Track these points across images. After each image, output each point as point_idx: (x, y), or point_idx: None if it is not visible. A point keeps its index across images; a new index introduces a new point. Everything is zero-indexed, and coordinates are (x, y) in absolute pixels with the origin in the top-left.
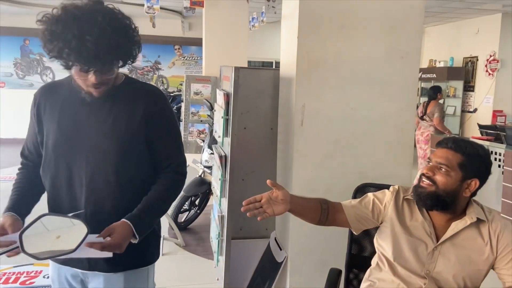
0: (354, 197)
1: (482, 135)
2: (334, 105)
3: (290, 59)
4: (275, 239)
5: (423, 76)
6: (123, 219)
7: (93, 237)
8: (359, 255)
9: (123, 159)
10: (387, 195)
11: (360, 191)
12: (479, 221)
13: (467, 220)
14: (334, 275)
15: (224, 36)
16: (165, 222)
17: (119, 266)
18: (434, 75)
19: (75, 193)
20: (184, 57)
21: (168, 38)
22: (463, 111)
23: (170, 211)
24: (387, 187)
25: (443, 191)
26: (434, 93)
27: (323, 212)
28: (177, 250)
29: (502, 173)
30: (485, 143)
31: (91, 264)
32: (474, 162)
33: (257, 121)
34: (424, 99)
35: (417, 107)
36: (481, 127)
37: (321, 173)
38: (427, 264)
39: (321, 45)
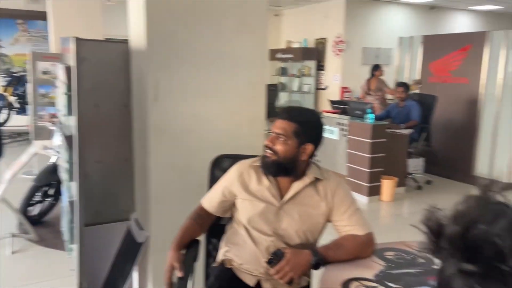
0: (212, 169)
1: (333, 109)
2: (188, 79)
3: (139, 31)
4: (136, 220)
5: (282, 56)
6: None
7: None
8: (217, 224)
9: None
10: (232, 174)
11: (217, 163)
12: (316, 180)
13: (306, 180)
14: (193, 245)
15: (74, 9)
16: (14, 217)
17: None
18: (292, 55)
19: None
20: (29, 33)
21: (7, 11)
22: (317, 88)
23: (18, 204)
24: (242, 157)
25: (283, 158)
26: (372, 71)
27: (202, 227)
28: (29, 246)
29: (347, 142)
30: (334, 116)
31: None
32: (306, 129)
33: (110, 97)
34: (283, 78)
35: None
36: (331, 102)
37: (180, 148)
38: (274, 223)
39: (171, 17)
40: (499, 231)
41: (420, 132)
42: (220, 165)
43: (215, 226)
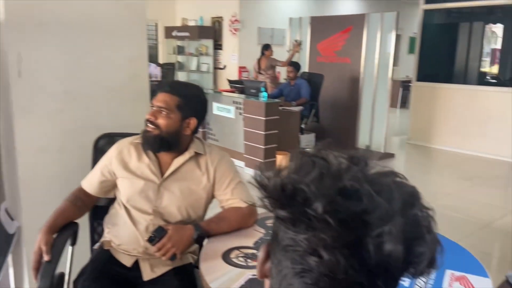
0: (95, 150)
1: (231, 88)
2: (57, 54)
3: None
4: (6, 210)
5: (177, 34)
6: None
7: None
8: (98, 206)
9: None
10: (111, 152)
11: (100, 143)
12: (198, 155)
13: (186, 155)
14: (68, 228)
15: None
16: None
17: None
18: (188, 34)
19: None
20: None
21: None
22: (216, 68)
23: None
24: (126, 135)
25: (166, 133)
26: (262, 50)
27: (80, 210)
28: None
29: (243, 120)
30: (232, 95)
31: None
32: (190, 102)
33: None
34: (181, 57)
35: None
36: (230, 82)
37: (51, 129)
38: (155, 200)
39: None
40: (307, 181)
41: (310, 109)
42: (105, 145)
43: (102, 208)
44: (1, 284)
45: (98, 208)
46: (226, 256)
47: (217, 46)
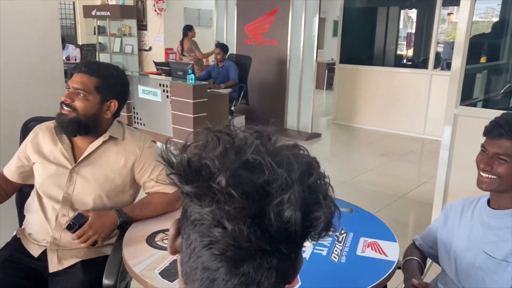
0: (23, 136)
1: (157, 71)
2: None
3: None
4: None
5: (98, 13)
6: None
7: None
8: (25, 193)
9: None
10: (28, 137)
11: (28, 128)
12: (116, 140)
13: (100, 139)
14: None
15: None
16: None
17: None
18: (108, 13)
19: None
20: None
21: None
22: (140, 49)
23: None
24: (50, 119)
25: (84, 116)
26: (185, 31)
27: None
28: None
29: (171, 103)
30: (159, 77)
31: None
32: (109, 84)
33: None
34: (102, 37)
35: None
36: (156, 64)
37: None
38: (67, 187)
39: None
40: (212, 156)
41: (239, 91)
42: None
43: (28, 194)
44: None
45: (26, 194)
46: (150, 240)
47: (141, 26)
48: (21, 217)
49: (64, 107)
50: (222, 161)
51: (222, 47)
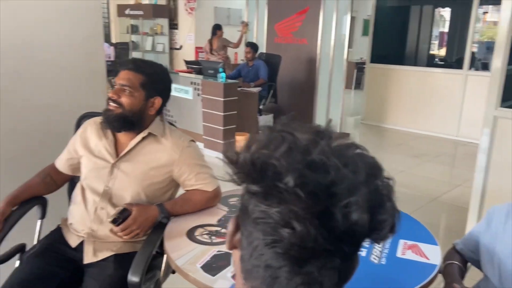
0: (77, 127)
1: (187, 69)
2: (7, 32)
3: None
4: None
5: (131, 12)
6: None
7: None
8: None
9: None
10: (78, 131)
11: (82, 122)
12: (157, 137)
13: (140, 135)
14: (31, 202)
15: None
16: None
17: None
18: (142, 12)
19: None
20: None
21: None
22: (171, 48)
23: None
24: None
25: (129, 111)
26: (214, 30)
27: (48, 186)
28: None
29: (202, 101)
30: (189, 75)
31: None
32: (154, 81)
33: None
34: (135, 36)
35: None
36: (187, 62)
37: (2, 109)
38: (107, 181)
39: None
40: (277, 155)
41: (268, 90)
42: None
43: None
44: None
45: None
46: (190, 234)
47: (173, 25)
48: None
49: (111, 103)
50: (288, 161)
51: (252, 46)
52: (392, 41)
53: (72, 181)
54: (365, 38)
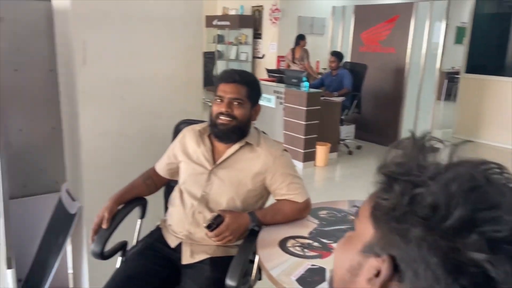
0: (174, 135)
1: (269, 78)
2: (118, 42)
3: None
4: (67, 191)
5: (218, 23)
6: None
7: None
8: (172, 186)
9: None
10: (178, 137)
11: (179, 129)
12: (254, 146)
13: (237, 145)
14: (134, 203)
15: None
16: None
17: None
18: (228, 23)
19: None
20: None
21: None
22: (254, 57)
23: None
24: (197, 122)
25: (241, 122)
26: (297, 40)
27: (149, 188)
28: None
29: (284, 109)
30: (271, 84)
31: None
32: (254, 90)
33: (32, 62)
34: (220, 45)
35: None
36: (268, 71)
37: (111, 114)
38: (205, 186)
39: None
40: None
41: (352, 100)
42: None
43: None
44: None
45: (172, 189)
46: (283, 245)
47: (257, 35)
48: (166, 209)
49: (223, 118)
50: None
51: (337, 55)
52: (491, 50)
53: (168, 184)
54: (458, 46)
